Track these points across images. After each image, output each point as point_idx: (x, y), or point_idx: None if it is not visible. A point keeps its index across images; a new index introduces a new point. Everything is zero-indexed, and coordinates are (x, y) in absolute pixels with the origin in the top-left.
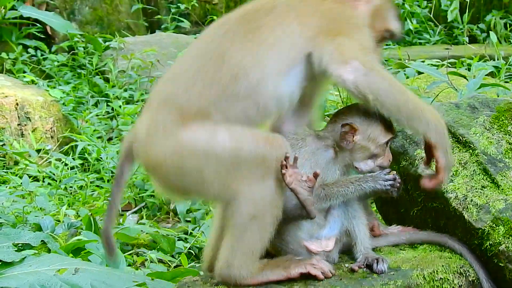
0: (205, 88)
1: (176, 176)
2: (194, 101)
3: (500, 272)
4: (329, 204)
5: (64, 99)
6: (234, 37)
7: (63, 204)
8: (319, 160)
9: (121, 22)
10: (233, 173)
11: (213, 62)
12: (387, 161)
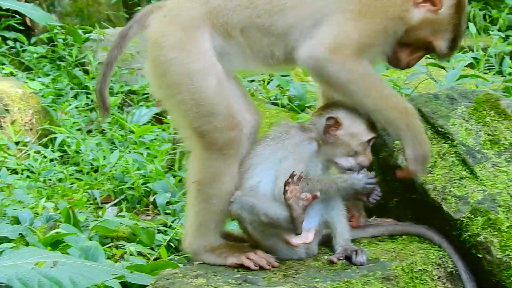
0: (240, 7)
1: (161, 76)
2: (223, 15)
3: (479, 263)
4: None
5: (43, 91)
6: None
7: (41, 196)
8: (302, 152)
9: (101, 14)
10: (195, 117)
11: None
12: (367, 161)
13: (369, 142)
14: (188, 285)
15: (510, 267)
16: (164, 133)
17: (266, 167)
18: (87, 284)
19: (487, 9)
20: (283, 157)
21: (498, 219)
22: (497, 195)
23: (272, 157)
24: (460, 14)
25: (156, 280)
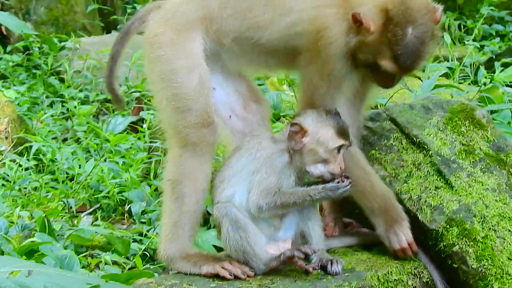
0: (233, 18)
1: (150, 72)
2: (216, 22)
3: (454, 273)
4: (284, 211)
5: (18, 99)
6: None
7: (17, 205)
8: (274, 165)
9: (76, 23)
10: (173, 112)
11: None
12: (338, 169)
13: (338, 150)
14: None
15: (486, 277)
16: (139, 142)
17: (239, 179)
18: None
19: (462, 19)
20: (256, 170)
21: (474, 229)
22: (473, 205)
23: (245, 169)
24: (393, 30)
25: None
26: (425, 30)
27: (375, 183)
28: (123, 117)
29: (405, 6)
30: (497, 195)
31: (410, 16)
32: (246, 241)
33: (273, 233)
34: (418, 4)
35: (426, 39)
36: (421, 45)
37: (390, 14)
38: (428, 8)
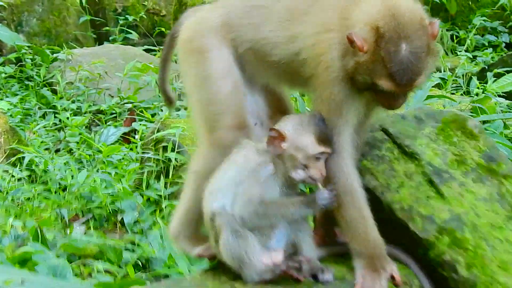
0: (248, 28)
1: (184, 75)
2: (233, 30)
3: (445, 281)
4: (268, 223)
5: (11, 110)
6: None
7: (10, 215)
8: (258, 176)
9: (69, 34)
10: (209, 115)
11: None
12: (318, 174)
13: (318, 157)
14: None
15: (476, 285)
16: (131, 153)
17: (227, 191)
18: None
19: (454, 29)
20: (240, 181)
21: (465, 238)
22: (464, 215)
23: (232, 181)
24: (386, 48)
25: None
26: (419, 45)
27: (369, 228)
28: (115, 128)
29: (396, 22)
30: (489, 204)
31: (402, 31)
32: (244, 250)
33: (265, 242)
34: (411, 19)
35: (422, 54)
36: (416, 61)
37: (381, 31)
38: (422, 23)
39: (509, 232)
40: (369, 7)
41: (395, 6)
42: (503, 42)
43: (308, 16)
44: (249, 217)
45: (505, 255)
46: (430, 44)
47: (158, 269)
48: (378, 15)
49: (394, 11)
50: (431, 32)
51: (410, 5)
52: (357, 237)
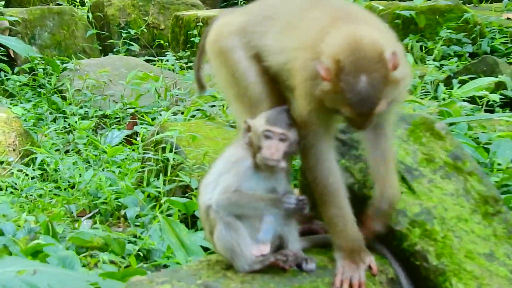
0: (258, 34)
1: (216, 75)
2: (247, 35)
3: (417, 270)
4: (239, 212)
5: (25, 115)
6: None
7: (23, 211)
8: (238, 168)
9: (77, 46)
10: (242, 109)
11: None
12: (267, 153)
13: (268, 135)
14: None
15: (445, 273)
16: (134, 153)
17: (215, 184)
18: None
19: (423, 41)
20: (223, 173)
21: (434, 230)
22: (433, 209)
23: (218, 174)
24: (345, 80)
25: (126, 286)
26: (377, 78)
27: (349, 225)
28: (119, 131)
29: (355, 57)
30: (455, 199)
31: (361, 65)
32: (236, 242)
33: (253, 234)
34: (370, 53)
35: (380, 86)
36: (374, 92)
37: (341, 64)
38: (381, 56)
39: (474, 224)
40: (334, 39)
41: (357, 40)
42: (467, 52)
43: (296, 30)
44: (222, 202)
45: (471, 245)
46: (389, 76)
47: (157, 260)
48: (340, 49)
49: (355, 45)
50: (392, 63)
51: (372, 38)
52: (338, 232)
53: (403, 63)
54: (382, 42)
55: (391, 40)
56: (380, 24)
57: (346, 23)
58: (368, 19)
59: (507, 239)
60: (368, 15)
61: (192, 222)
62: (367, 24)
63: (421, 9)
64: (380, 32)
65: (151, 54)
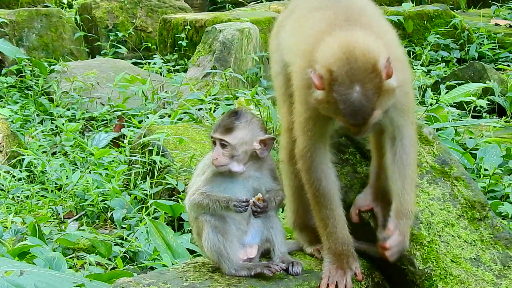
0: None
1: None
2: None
3: (403, 274)
4: (204, 212)
5: (12, 117)
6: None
7: (10, 212)
8: (210, 171)
9: (64, 48)
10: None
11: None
12: (212, 159)
13: (214, 141)
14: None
15: (431, 277)
16: (121, 156)
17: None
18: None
19: (411, 46)
20: (199, 175)
21: (420, 234)
22: (420, 213)
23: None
24: (338, 90)
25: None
26: (370, 88)
27: (339, 228)
28: (106, 133)
29: (348, 67)
30: (442, 204)
31: (354, 76)
32: (222, 245)
33: (240, 237)
34: (364, 62)
35: (373, 96)
36: (367, 103)
37: (334, 75)
38: (375, 66)
39: (460, 229)
40: (328, 48)
41: (350, 49)
42: (455, 58)
43: (300, 30)
44: (189, 204)
45: (457, 250)
46: (382, 86)
47: (144, 262)
48: (333, 58)
49: (348, 55)
50: (385, 72)
51: (366, 46)
52: (328, 234)
53: (402, 67)
54: (377, 50)
55: (389, 44)
56: (381, 24)
57: (343, 29)
58: (368, 21)
59: (493, 244)
60: (371, 15)
61: (179, 224)
62: (366, 27)
63: (409, 14)
64: (378, 36)
65: (138, 57)
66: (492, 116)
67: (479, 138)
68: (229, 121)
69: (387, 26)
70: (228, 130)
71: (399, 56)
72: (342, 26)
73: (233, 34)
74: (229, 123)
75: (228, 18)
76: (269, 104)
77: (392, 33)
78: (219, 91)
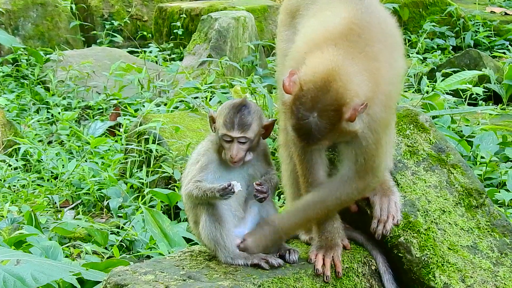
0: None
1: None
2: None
3: (400, 261)
4: (198, 201)
5: (8, 106)
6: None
7: (6, 201)
8: (204, 160)
9: (60, 37)
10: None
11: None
12: (228, 155)
13: (225, 139)
14: (137, 281)
15: (428, 265)
16: (117, 144)
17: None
18: (47, 280)
19: (407, 34)
20: (193, 164)
21: (417, 222)
22: (416, 201)
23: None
24: (297, 106)
25: (109, 277)
26: (326, 122)
27: (309, 212)
28: (102, 122)
29: (316, 94)
30: (438, 191)
31: (316, 104)
32: (219, 233)
33: (238, 224)
34: (331, 99)
35: (325, 130)
36: (316, 131)
37: (302, 92)
38: (340, 107)
39: (457, 217)
40: (314, 63)
41: (329, 79)
42: (450, 45)
43: (308, 29)
44: (184, 194)
45: (454, 238)
46: (340, 126)
47: (140, 251)
48: (310, 77)
49: (323, 84)
50: (348, 117)
51: (345, 84)
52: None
53: (385, 106)
54: (353, 92)
55: (382, 82)
56: (389, 54)
57: (344, 48)
58: (376, 50)
59: (490, 232)
60: (384, 40)
61: (175, 213)
62: (367, 57)
63: (405, 2)
64: (374, 72)
65: (134, 46)
66: (488, 104)
67: (476, 125)
68: (243, 117)
69: (395, 55)
70: (246, 127)
71: (388, 94)
72: (346, 44)
73: (228, 22)
74: (244, 120)
75: (224, 6)
76: (265, 92)
77: (396, 67)
78: (215, 80)
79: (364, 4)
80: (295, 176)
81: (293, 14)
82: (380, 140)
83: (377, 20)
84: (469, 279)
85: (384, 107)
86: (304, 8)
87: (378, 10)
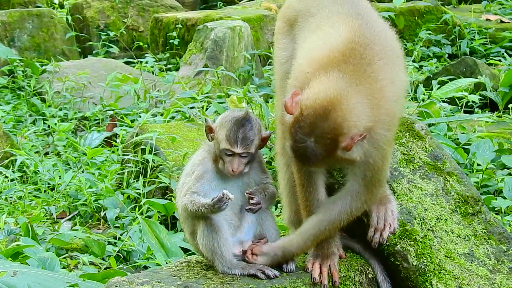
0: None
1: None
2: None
3: (397, 269)
4: (192, 215)
5: (4, 117)
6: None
7: (3, 212)
8: (200, 170)
9: (56, 48)
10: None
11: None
12: (228, 169)
13: (227, 153)
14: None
15: (425, 273)
16: (113, 155)
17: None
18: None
19: (403, 42)
20: (188, 175)
21: (414, 230)
22: (413, 209)
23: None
24: (295, 130)
25: (106, 287)
26: (322, 149)
27: (321, 231)
28: (99, 132)
29: (315, 120)
30: (435, 199)
31: (314, 130)
32: (216, 243)
33: (234, 232)
34: (329, 127)
35: (320, 156)
36: (312, 156)
37: (302, 116)
38: (337, 137)
39: (454, 225)
40: (317, 89)
41: (328, 108)
42: (446, 53)
43: (319, 37)
44: (181, 206)
45: (451, 246)
46: (335, 154)
47: (137, 261)
48: (311, 103)
49: (323, 111)
50: (344, 146)
51: (344, 114)
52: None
53: (387, 128)
54: (351, 123)
55: (382, 104)
56: (390, 72)
57: (341, 72)
58: (377, 69)
59: (487, 239)
60: (386, 57)
61: (172, 223)
62: (368, 80)
63: (401, 10)
64: (376, 94)
65: (130, 56)
66: (484, 111)
67: (472, 133)
68: (246, 133)
69: (397, 70)
70: (249, 143)
71: (392, 113)
72: (350, 69)
73: (224, 32)
74: (248, 135)
75: (220, 16)
76: (262, 101)
77: (399, 82)
78: (211, 89)
79: (364, 20)
80: (292, 184)
81: (291, 23)
82: (386, 155)
83: (378, 36)
84: (466, 286)
85: (388, 126)
86: (303, 19)
87: (378, 24)
